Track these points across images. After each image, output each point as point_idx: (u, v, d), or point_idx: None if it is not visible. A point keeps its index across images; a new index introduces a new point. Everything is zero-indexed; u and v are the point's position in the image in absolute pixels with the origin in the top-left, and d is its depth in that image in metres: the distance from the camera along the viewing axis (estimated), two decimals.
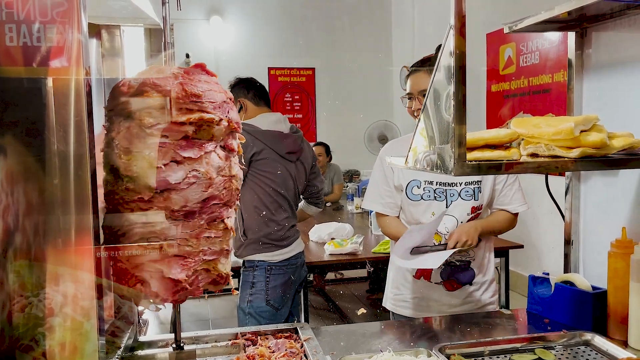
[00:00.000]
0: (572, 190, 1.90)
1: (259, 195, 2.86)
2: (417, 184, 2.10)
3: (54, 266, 1.04)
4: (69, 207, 1.01)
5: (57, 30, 0.99)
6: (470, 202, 2.08)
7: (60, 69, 0.99)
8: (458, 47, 1.06)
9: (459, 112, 1.07)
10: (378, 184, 2.20)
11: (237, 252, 2.97)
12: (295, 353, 1.46)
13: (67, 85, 0.98)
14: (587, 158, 1.16)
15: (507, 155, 1.16)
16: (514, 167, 1.15)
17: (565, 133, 1.14)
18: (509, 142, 1.18)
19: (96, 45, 1.37)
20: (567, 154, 1.16)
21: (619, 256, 1.61)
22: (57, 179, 1.00)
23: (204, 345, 1.49)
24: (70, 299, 1.05)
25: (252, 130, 2.84)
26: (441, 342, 1.57)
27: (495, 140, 1.18)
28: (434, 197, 2.09)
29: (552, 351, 1.52)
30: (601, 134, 1.15)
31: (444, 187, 2.08)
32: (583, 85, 1.85)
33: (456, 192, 2.08)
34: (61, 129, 1.00)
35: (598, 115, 1.20)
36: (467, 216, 2.09)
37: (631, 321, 1.57)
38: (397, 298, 2.21)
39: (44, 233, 1.02)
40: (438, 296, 2.12)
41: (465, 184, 2.09)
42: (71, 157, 1.01)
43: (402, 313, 2.19)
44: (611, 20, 1.73)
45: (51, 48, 0.98)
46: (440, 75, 1.13)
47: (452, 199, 2.08)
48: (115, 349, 1.35)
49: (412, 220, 2.13)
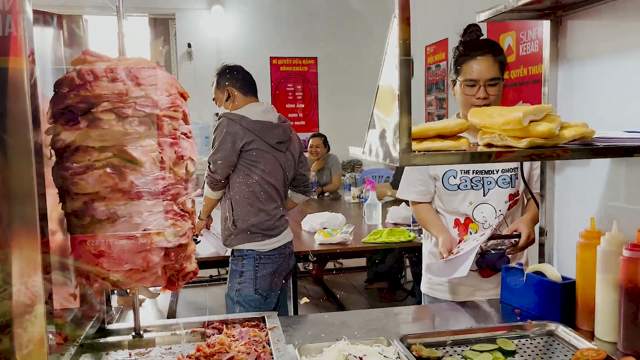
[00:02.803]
0: (547, 180, 1.89)
1: (249, 185, 2.87)
2: (453, 174, 2.09)
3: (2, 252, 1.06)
4: (13, 196, 1.02)
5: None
6: (507, 189, 2.07)
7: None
8: (402, 37, 1.05)
9: (403, 102, 1.06)
10: (411, 173, 2.22)
11: (226, 242, 3.00)
12: (258, 341, 1.47)
13: (5, 75, 0.98)
14: (538, 147, 1.15)
15: (456, 145, 1.15)
16: (462, 156, 1.15)
17: (514, 123, 1.13)
18: (459, 132, 1.18)
19: (57, 35, 1.37)
20: (517, 144, 1.16)
21: (586, 247, 1.60)
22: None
23: (163, 333, 1.51)
24: (19, 287, 1.06)
25: (242, 120, 2.84)
26: (409, 330, 1.57)
27: (446, 130, 1.17)
28: (471, 187, 2.08)
29: (515, 341, 1.52)
30: (551, 124, 1.14)
31: (481, 175, 2.07)
32: (558, 75, 1.83)
33: (493, 179, 2.07)
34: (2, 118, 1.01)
35: (571, 106, 1.19)
36: (504, 204, 2.08)
37: (597, 312, 1.56)
38: (432, 282, 2.22)
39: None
40: (473, 282, 2.13)
41: (502, 172, 2.07)
42: (15, 147, 1.01)
43: (438, 296, 2.20)
44: (586, 7, 1.70)
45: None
46: (387, 65, 1.12)
47: (490, 187, 2.07)
48: (76, 336, 1.37)
49: (450, 209, 2.14)
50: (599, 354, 1.36)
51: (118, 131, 1.20)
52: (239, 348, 1.40)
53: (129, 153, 1.20)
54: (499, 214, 2.08)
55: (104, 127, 1.20)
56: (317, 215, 3.97)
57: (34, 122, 1.03)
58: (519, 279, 1.82)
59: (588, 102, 1.72)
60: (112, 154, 1.20)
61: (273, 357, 1.38)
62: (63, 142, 1.20)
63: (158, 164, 1.22)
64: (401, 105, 1.06)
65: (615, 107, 1.61)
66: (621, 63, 1.59)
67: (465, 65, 2.00)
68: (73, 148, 1.20)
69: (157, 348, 1.49)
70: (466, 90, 1.99)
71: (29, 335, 1.05)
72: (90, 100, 1.20)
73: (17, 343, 1.05)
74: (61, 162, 1.22)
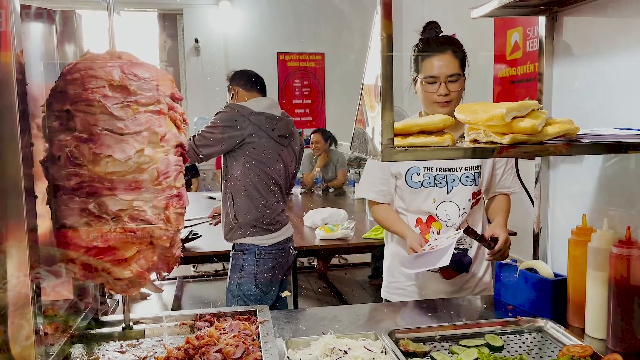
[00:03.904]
0: (541, 177, 1.88)
1: (251, 178, 2.88)
2: (416, 171, 2.06)
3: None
4: (2, 190, 1.04)
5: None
6: (471, 187, 2.05)
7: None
8: (383, 32, 1.06)
9: (385, 98, 1.07)
10: (373, 171, 2.18)
11: (227, 236, 3.02)
12: (248, 334, 1.49)
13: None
14: (520, 144, 1.15)
15: (440, 141, 1.16)
16: (444, 152, 1.16)
17: (497, 119, 1.14)
18: (443, 128, 1.18)
19: (49, 30, 1.39)
20: (501, 140, 1.16)
21: (578, 244, 1.60)
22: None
23: (153, 325, 1.53)
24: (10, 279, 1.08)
25: (244, 112, 2.85)
26: (400, 326, 1.59)
27: (430, 126, 1.18)
28: (435, 184, 2.05)
29: (503, 337, 1.52)
30: (535, 120, 1.14)
31: (445, 173, 2.05)
32: (553, 71, 1.83)
33: (457, 177, 2.05)
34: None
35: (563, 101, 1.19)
36: (468, 202, 2.05)
37: (588, 309, 1.56)
38: (391, 285, 2.20)
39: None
40: (435, 284, 2.10)
41: (466, 169, 2.05)
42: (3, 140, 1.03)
43: (395, 300, 2.16)
44: (582, 4, 1.70)
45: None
46: (370, 61, 1.13)
47: (453, 185, 2.05)
48: (68, 327, 1.39)
49: (412, 207, 2.10)
50: (585, 350, 1.36)
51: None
52: (228, 340, 1.41)
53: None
54: (462, 213, 2.05)
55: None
56: (319, 211, 3.99)
57: (22, 116, 1.05)
58: (511, 275, 1.83)
59: (583, 98, 1.71)
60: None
61: (261, 349, 1.39)
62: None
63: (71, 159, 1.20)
64: (383, 101, 1.07)
65: (609, 104, 1.61)
66: (616, 59, 1.59)
67: (424, 63, 1.97)
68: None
69: (148, 340, 1.51)
70: (427, 87, 1.96)
71: (21, 327, 1.08)
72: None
73: (11, 334, 1.08)
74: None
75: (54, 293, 1.46)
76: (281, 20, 7.40)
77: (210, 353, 1.37)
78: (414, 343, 1.46)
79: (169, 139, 1.30)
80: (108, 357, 1.41)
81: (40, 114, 1.26)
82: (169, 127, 1.32)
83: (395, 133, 1.11)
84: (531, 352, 1.45)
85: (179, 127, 1.36)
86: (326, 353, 1.38)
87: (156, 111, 1.26)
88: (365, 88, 1.19)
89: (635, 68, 1.50)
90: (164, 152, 1.28)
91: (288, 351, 1.40)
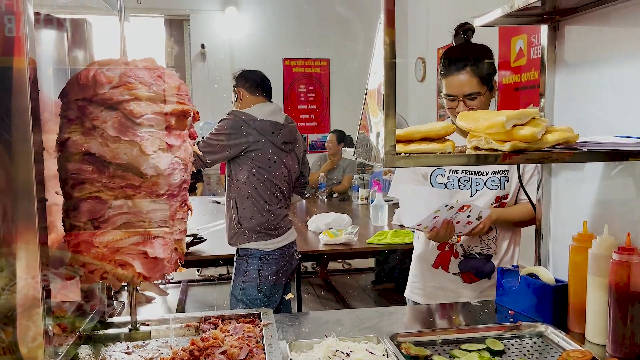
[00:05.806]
0: (543, 183, 1.90)
1: (254, 184, 2.91)
2: (441, 172, 2.09)
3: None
4: (13, 194, 1.07)
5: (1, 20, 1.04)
6: (495, 191, 2.06)
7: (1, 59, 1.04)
8: (387, 41, 1.08)
9: (387, 105, 1.09)
10: (402, 172, 2.22)
11: (231, 240, 3.04)
12: (252, 337, 1.51)
13: (8, 75, 1.03)
14: (521, 151, 1.17)
15: (441, 147, 1.18)
16: (445, 159, 1.18)
17: (497, 127, 1.16)
18: (445, 135, 1.20)
19: (60, 37, 1.42)
20: (501, 147, 1.18)
21: (579, 250, 1.62)
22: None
23: (159, 327, 1.55)
24: (19, 280, 1.11)
25: (248, 119, 2.88)
26: (402, 330, 1.60)
27: (432, 133, 1.20)
28: (458, 186, 2.07)
29: (504, 342, 1.54)
30: (535, 128, 1.16)
31: (470, 176, 2.07)
32: (555, 80, 1.85)
33: (482, 181, 2.06)
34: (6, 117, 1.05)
35: (566, 110, 1.21)
36: (490, 206, 2.06)
37: (589, 314, 1.57)
38: (413, 285, 2.25)
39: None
40: (454, 287, 2.12)
41: (492, 173, 2.06)
42: (16, 144, 1.06)
43: (414, 300, 2.22)
44: (584, 13, 1.72)
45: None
46: (374, 68, 1.15)
47: (478, 188, 2.07)
48: (76, 327, 1.41)
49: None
50: (584, 355, 1.38)
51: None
52: (232, 343, 1.44)
53: None
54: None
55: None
56: (323, 216, 4.01)
57: (34, 121, 1.08)
58: (513, 281, 1.84)
59: (585, 106, 1.73)
60: None
61: (265, 352, 1.42)
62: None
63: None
64: (386, 108, 1.10)
65: (611, 112, 1.62)
66: (618, 68, 1.60)
67: (444, 79, 2.02)
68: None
69: (154, 341, 1.53)
70: (448, 103, 2.03)
71: (29, 328, 1.10)
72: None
73: (19, 336, 1.10)
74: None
75: (60, 295, 1.48)
76: (287, 27, 7.45)
77: (215, 355, 1.39)
78: (415, 347, 1.48)
79: (182, 147, 1.34)
80: (115, 357, 1.44)
81: (53, 118, 1.29)
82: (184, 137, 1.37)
83: (398, 139, 1.13)
84: (532, 357, 1.47)
85: (194, 136, 1.41)
86: (329, 356, 1.40)
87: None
88: (369, 94, 1.21)
89: (637, 76, 1.52)
90: (174, 159, 1.32)
91: (291, 353, 1.42)
